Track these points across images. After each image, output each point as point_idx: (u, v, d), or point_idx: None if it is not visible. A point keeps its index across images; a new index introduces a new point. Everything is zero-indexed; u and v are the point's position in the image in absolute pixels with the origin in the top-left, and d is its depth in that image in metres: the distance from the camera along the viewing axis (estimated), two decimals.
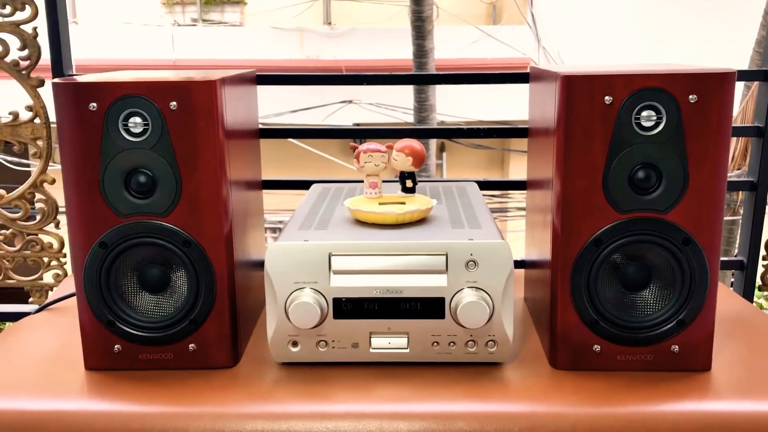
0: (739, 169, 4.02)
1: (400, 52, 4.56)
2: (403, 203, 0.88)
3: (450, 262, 0.79)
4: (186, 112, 0.76)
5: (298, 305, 0.78)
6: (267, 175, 1.11)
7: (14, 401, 0.76)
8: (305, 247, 0.79)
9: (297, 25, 5.41)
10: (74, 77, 0.88)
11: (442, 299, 0.79)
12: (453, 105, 4.69)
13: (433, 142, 4.40)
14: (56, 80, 0.76)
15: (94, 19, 5.50)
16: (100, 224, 0.78)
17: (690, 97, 0.73)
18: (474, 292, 0.78)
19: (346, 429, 0.72)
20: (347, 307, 0.80)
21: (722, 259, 1.22)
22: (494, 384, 0.79)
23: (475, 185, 1.10)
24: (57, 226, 1.26)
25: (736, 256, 1.24)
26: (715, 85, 0.73)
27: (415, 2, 4.09)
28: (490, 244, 0.79)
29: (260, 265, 0.97)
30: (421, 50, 4.02)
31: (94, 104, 0.76)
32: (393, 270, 0.80)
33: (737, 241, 1.26)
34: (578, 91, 0.74)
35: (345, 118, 4.92)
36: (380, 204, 0.87)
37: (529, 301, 1.01)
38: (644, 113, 0.74)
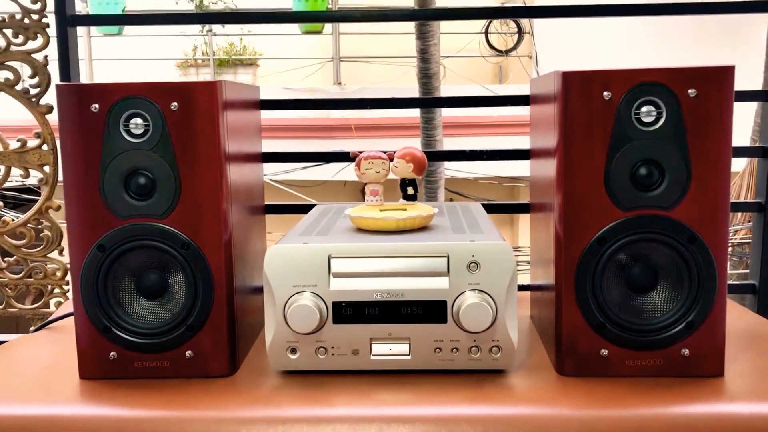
0: (749, 222, 4.00)
1: (408, 110, 4.63)
2: (405, 210, 0.87)
3: (451, 265, 0.77)
4: (187, 113, 0.77)
5: (297, 308, 0.77)
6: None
7: (5, 407, 0.74)
8: (304, 250, 0.78)
9: (308, 86, 5.52)
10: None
11: (444, 302, 0.78)
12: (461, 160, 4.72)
13: (441, 197, 4.41)
14: (60, 83, 0.77)
15: (109, 80, 5.63)
16: (98, 226, 0.78)
17: (689, 91, 0.73)
18: (476, 295, 0.77)
19: None
20: (347, 312, 0.78)
21: (734, 282, 1.20)
22: (499, 389, 0.76)
23: (479, 204, 1.10)
24: (61, 253, 1.26)
25: (747, 279, 1.22)
26: (714, 80, 0.73)
27: (422, 60, 4.17)
28: (492, 245, 0.77)
29: (261, 290, 0.95)
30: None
31: (96, 105, 0.76)
32: (393, 273, 0.78)
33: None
34: (577, 87, 0.74)
35: (354, 174, 4.96)
36: (381, 211, 0.86)
37: (536, 318, 0.99)
38: (644, 108, 0.74)
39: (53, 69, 1.20)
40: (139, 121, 0.77)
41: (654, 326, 0.77)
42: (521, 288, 1.06)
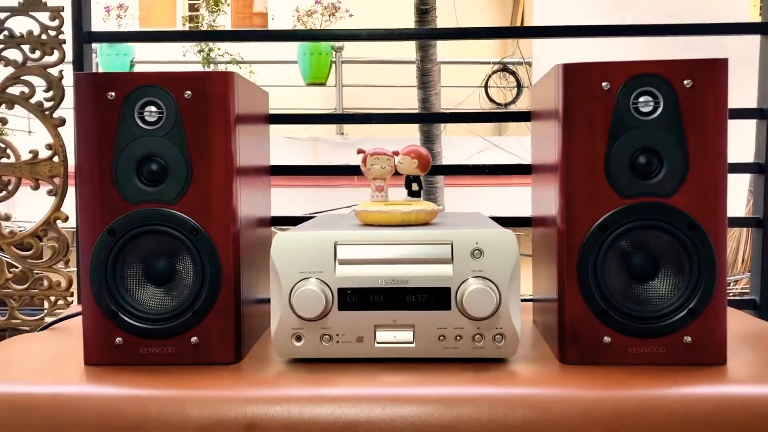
0: (749, 271, 3.99)
1: None
2: (410, 205, 0.88)
3: (455, 252, 0.79)
4: (200, 102, 0.79)
5: (303, 293, 0.78)
6: None
7: (10, 386, 0.75)
8: (311, 237, 0.80)
9: (311, 135, 5.61)
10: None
11: (448, 289, 0.79)
12: (460, 206, 4.77)
13: None
14: (78, 72, 0.80)
15: None
16: (109, 211, 0.80)
17: (685, 82, 0.76)
18: (480, 281, 0.78)
19: (349, 413, 0.70)
20: (352, 299, 0.79)
21: (735, 298, 1.21)
22: (503, 374, 0.76)
23: (482, 213, 1.11)
24: (67, 264, 1.27)
25: (748, 295, 1.22)
26: (709, 71, 0.76)
27: (423, 109, 4.25)
28: (496, 233, 0.79)
29: (268, 301, 0.95)
30: (429, 154, 4.14)
31: (113, 93, 0.79)
32: (398, 260, 0.79)
33: None
34: (577, 77, 0.77)
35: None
36: (386, 205, 0.88)
37: (539, 323, 1.00)
38: (642, 98, 0.76)
39: (67, 83, 1.24)
40: (153, 108, 0.79)
41: (656, 313, 0.77)
42: (524, 300, 1.06)
